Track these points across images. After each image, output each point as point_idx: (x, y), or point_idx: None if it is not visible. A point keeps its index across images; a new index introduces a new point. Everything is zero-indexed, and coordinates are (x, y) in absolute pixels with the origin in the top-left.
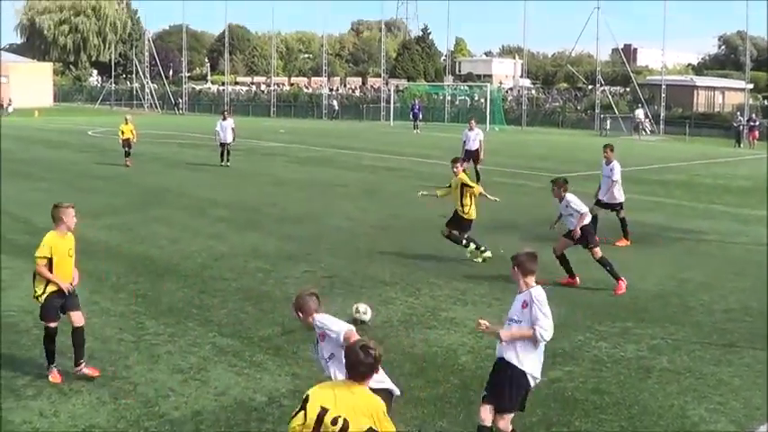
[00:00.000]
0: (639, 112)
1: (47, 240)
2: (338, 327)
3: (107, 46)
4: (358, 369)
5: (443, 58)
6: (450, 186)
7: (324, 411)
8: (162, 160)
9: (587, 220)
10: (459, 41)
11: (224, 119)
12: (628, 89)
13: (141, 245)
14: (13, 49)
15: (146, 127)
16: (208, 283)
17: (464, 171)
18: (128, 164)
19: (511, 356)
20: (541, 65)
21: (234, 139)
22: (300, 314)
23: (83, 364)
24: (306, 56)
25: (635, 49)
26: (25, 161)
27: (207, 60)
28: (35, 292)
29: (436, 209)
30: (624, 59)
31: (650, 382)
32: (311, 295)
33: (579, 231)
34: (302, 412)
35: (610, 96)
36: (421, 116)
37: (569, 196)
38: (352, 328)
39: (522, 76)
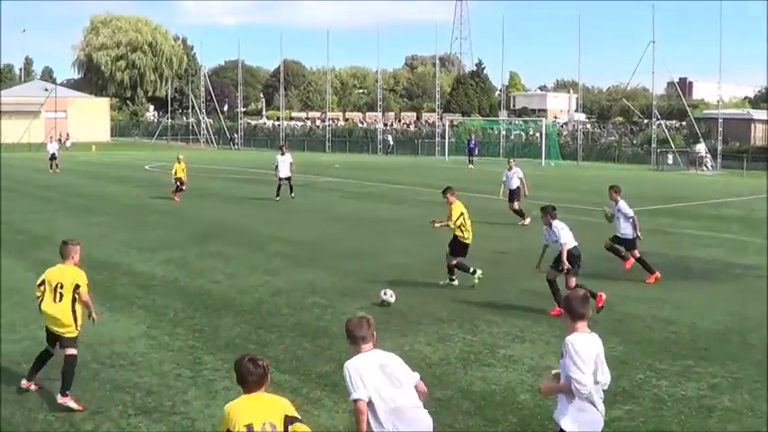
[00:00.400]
0: (700, 147)
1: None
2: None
3: (163, 81)
4: (248, 380)
5: (498, 92)
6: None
7: (250, 426)
8: (218, 195)
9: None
10: (513, 76)
11: (282, 153)
12: (684, 123)
13: (198, 279)
14: (71, 84)
15: (202, 162)
16: (265, 318)
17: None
18: (175, 198)
19: (556, 413)
20: (596, 99)
21: (291, 174)
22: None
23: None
24: (360, 91)
25: (690, 83)
26: (83, 195)
27: (262, 95)
28: (78, 323)
29: (492, 245)
30: (680, 93)
31: (712, 422)
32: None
33: (567, 262)
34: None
35: (666, 130)
36: (477, 151)
37: (556, 223)
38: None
39: (577, 111)
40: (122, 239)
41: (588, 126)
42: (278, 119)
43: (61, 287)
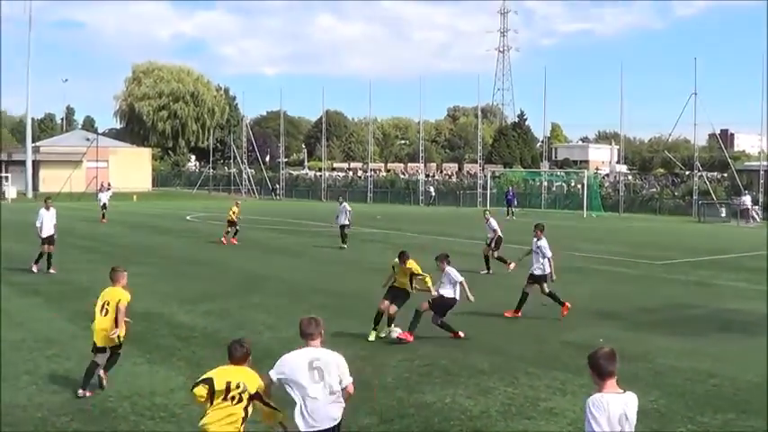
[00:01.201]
0: (747, 199)
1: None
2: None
3: (205, 132)
4: (234, 355)
5: (539, 143)
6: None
7: (229, 383)
8: (260, 246)
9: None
10: (555, 127)
11: (340, 203)
12: (725, 175)
13: (239, 331)
14: (113, 134)
15: (244, 212)
16: None
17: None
18: (232, 241)
19: None
20: (638, 150)
21: (349, 222)
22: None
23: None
24: (402, 142)
25: (732, 134)
26: (125, 246)
27: (304, 146)
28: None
29: (532, 297)
30: (721, 144)
31: None
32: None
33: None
34: (205, 385)
35: (707, 182)
36: (516, 203)
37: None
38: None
39: (618, 162)
40: (163, 290)
41: (630, 177)
42: (320, 169)
43: (107, 305)
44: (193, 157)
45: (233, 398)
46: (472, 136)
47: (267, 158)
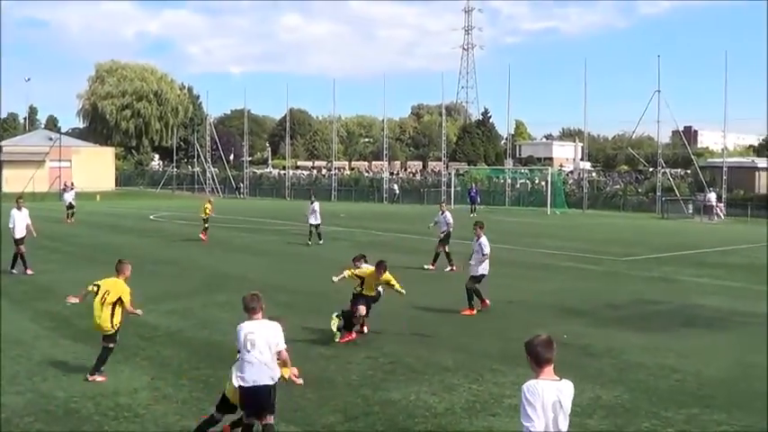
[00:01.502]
0: (712, 196)
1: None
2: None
3: (169, 131)
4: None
5: (504, 141)
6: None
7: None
8: (224, 245)
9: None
10: (519, 125)
11: (311, 202)
12: (689, 171)
13: (203, 330)
14: (76, 133)
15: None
16: None
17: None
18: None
19: None
20: (602, 147)
21: (318, 221)
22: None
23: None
24: (366, 140)
25: (695, 131)
26: (88, 246)
27: (268, 144)
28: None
29: (501, 295)
30: (685, 141)
31: None
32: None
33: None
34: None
35: (671, 179)
36: (479, 200)
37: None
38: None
39: (582, 159)
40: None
41: (594, 174)
42: (284, 168)
43: (107, 294)
44: (157, 157)
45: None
46: (436, 134)
47: (231, 157)
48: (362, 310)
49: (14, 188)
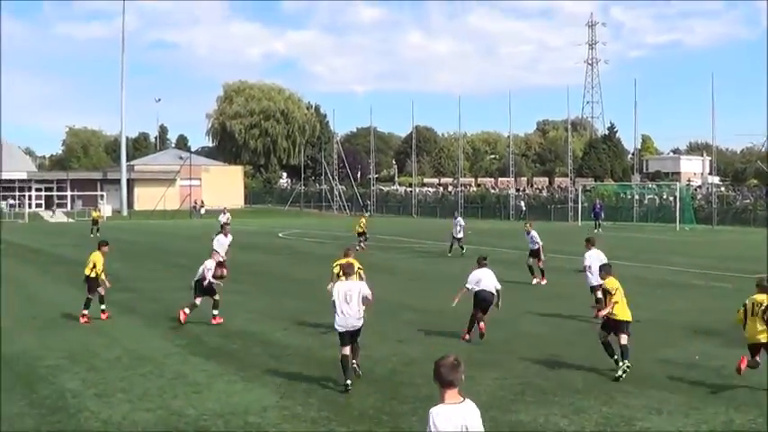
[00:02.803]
0: None
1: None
2: None
3: (296, 149)
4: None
5: (630, 156)
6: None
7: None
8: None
9: None
10: (645, 139)
11: (455, 218)
12: None
13: (332, 349)
14: (206, 152)
15: (335, 229)
16: (398, 388)
17: None
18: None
19: None
20: (730, 161)
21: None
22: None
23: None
24: (492, 156)
25: None
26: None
27: (394, 162)
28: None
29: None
30: None
31: None
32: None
33: None
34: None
35: None
36: (603, 216)
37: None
38: None
39: (710, 174)
40: (257, 308)
41: (722, 189)
42: (410, 185)
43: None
44: (285, 175)
45: None
46: (562, 149)
47: (358, 175)
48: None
49: (145, 206)
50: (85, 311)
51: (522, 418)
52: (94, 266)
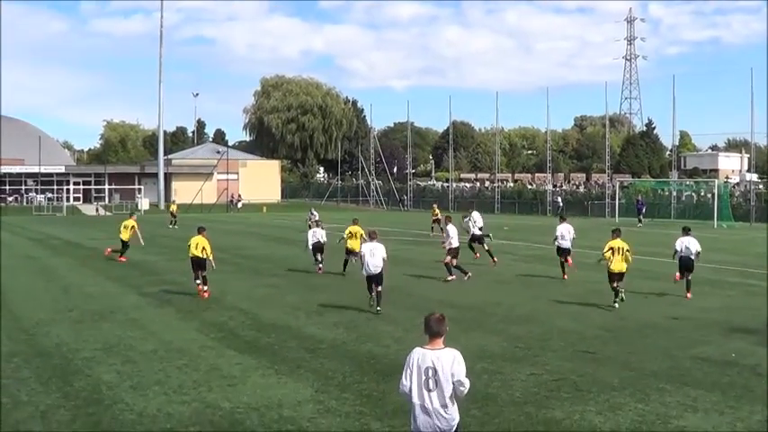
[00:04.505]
0: None
1: None
2: None
3: (333, 144)
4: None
5: (668, 152)
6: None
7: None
8: (389, 258)
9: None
10: (683, 135)
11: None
12: None
13: (367, 343)
14: (243, 146)
15: (371, 223)
16: None
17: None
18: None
19: None
20: None
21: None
22: None
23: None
24: (529, 152)
25: None
26: (254, 257)
27: (431, 157)
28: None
29: (667, 311)
30: None
31: None
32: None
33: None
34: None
35: None
36: (645, 210)
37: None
38: None
39: (749, 171)
40: (291, 302)
41: (761, 186)
42: (447, 180)
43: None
44: (322, 169)
45: None
46: (600, 145)
47: (395, 170)
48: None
49: (183, 199)
50: (198, 282)
51: (557, 414)
52: (203, 249)
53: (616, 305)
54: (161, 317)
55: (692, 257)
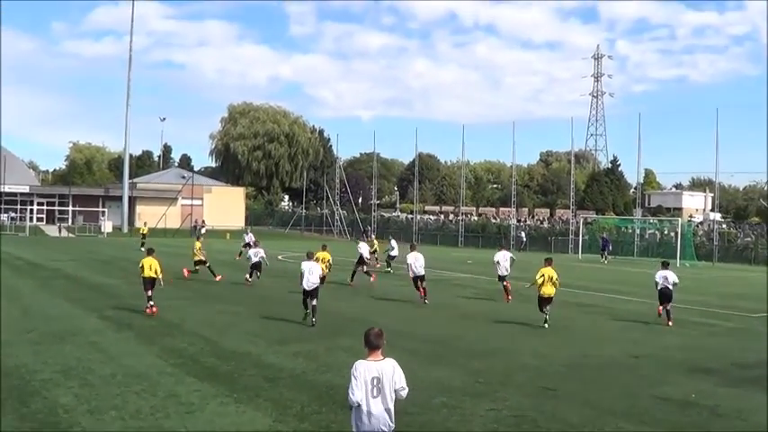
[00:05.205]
0: None
1: None
2: None
3: (299, 172)
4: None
5: (633, 190)
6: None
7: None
8: (349, 289)
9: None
10: (648, 173)
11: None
12: None
13: (326, 374)
14: (208, 172)
15: (334, 253)
16: (400, 417)
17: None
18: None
19: None
20: (732, 198)
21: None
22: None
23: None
24: (494, 186)
25: None
26: (216, 284)
27: (396, 188)
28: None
29: (628, 349)
30: None
31: None
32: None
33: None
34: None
35: None
36: (610, 248)
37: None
38: None
39: (713, 210)
40: (252, 330)
41: (724, 226)
42: (411, 212)
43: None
44: (287, 197)
45: None
46: (564, 181)
47: (360, 200)
48: None
49: (148, 224)
50: (151, 303)
51: None
52: (156, 270)
53: (546, 326)
54: (121, 341)
55: (671, 287)
